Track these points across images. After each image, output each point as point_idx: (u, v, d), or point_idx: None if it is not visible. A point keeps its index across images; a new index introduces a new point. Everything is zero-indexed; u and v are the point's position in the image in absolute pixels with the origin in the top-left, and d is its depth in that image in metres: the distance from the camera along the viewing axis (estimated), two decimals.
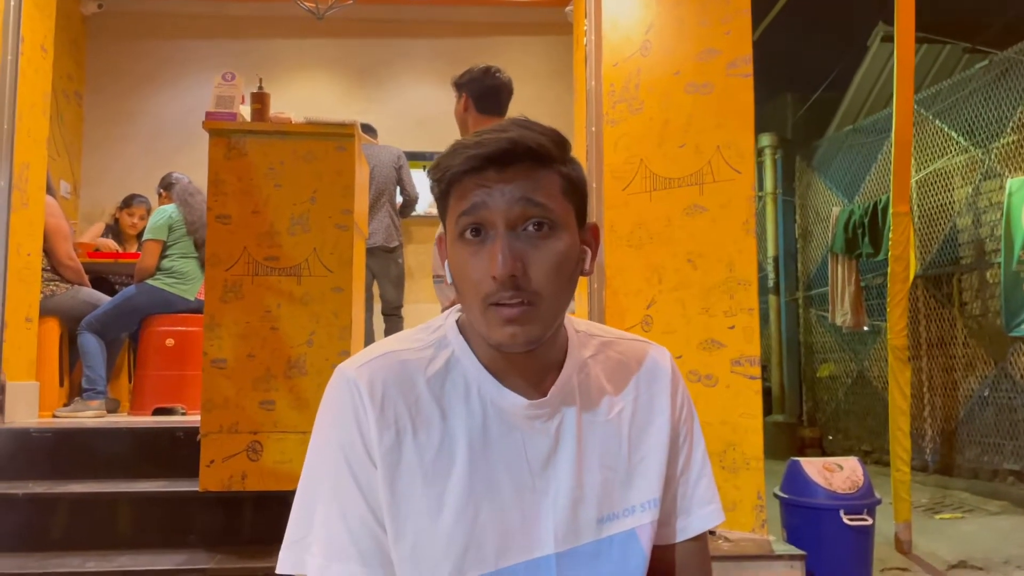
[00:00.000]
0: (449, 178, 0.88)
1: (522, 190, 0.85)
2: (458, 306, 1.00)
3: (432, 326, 0.98)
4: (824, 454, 6.68)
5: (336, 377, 0.92)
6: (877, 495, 2.99)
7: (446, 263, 0.93)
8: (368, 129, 5.09)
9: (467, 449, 0.89)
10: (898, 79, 3.47)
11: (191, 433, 2.93)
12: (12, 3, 3.40)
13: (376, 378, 0.90)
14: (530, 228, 0.86)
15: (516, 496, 0.90)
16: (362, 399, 0.89)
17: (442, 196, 0.91)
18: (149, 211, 4.83)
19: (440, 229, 0.98)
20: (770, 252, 7.35)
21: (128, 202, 4.95)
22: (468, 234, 0.87)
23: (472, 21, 6.35)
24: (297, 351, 2.84)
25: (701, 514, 1.02)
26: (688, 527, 1.02)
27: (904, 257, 3.54)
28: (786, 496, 3.01)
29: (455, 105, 3.14)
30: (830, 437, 6.86)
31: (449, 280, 0.92)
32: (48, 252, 3.90)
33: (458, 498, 0.88)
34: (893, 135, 3.53)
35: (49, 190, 3.98)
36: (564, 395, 0.94)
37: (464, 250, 0.87)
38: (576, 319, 1.02)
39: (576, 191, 0.91)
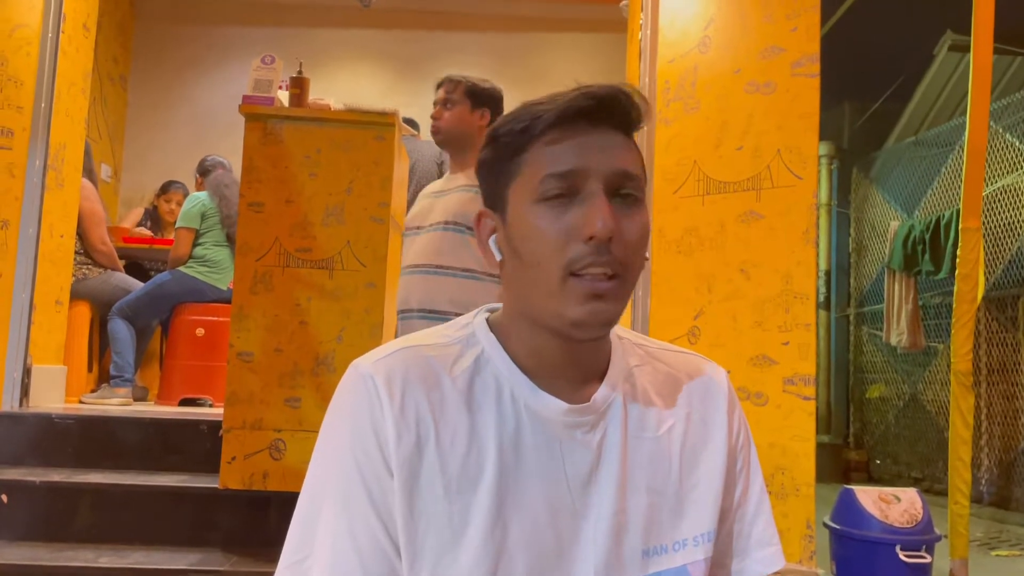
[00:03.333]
0: (540, 125, 0.76)
1: (620, 159, 0.77)
2: (486, 306, 0.87)
3: (459, 323, 0.86)
4: (870, 478, 6.43)
5: (350, 373, 0.80)
6: (937, 531, 2.78)
7: (491, 241, 0.81)
8: (411, 123, 4.98)
9: (497, 459, 0.77)
10: (973, 86, 3.25)
11: (215, 427, 2.85)
12: None
13: (395, 374, 0.78)
14: (620, 196, 0.77)
15: (551, 516, 0.77)
16: (379, 397, 0.76)
17: (512, 154, 0.79)
18: (186, 196, 4.79)
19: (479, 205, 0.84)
20: (822, 266, 7.11)
21: (165, 189, 4.93)
22: (553, 196, 0.76)
23: (522, 16, 6.23)
24: (326, 347, 2.74)
25: (759, 557, 0.89)
26: (744, 571, 0.89)
27: (972, 276, 3.31)
28: (837, 527, 2.81)
29: (464, 113, 2.66)
30: (877, 461, 6.59)
31: (499, 258, 0.80)
32: (81, 236, 3.85)
33: (485, 515, 0.75)
34: (966, 145, 3.30)
35: (90, 173, 3.93)
36: (609, 403, 0.81)
37: (547, 213, 0.76)
38: (616, 326, 0.88)
39: (645, 171, 0.82)
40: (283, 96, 2.94)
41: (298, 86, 2.87)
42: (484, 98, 2.68)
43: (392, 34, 6.18)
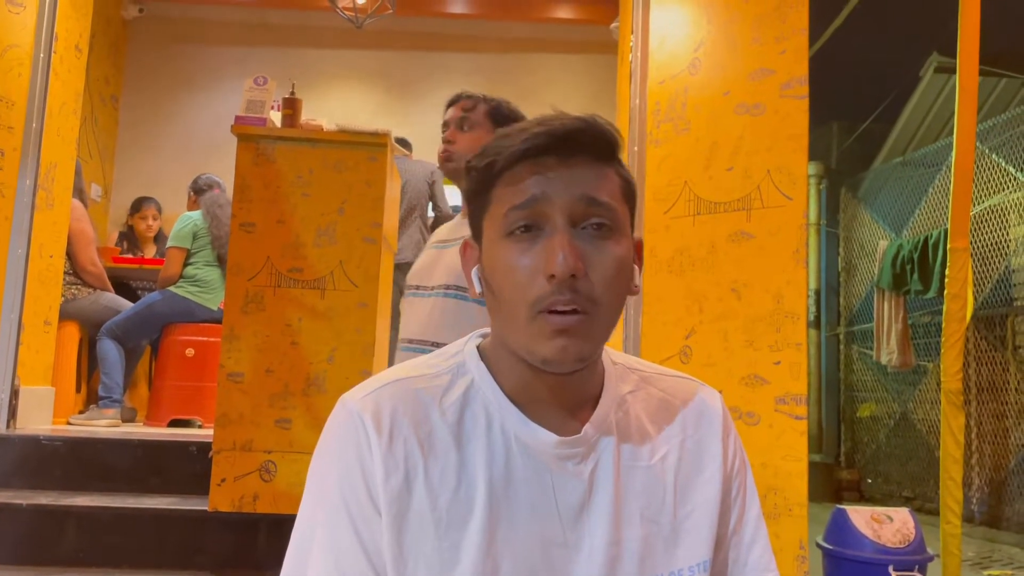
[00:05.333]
0: (503, 162, 0.76)
1: (585, 186, 0.75)
2: (478, 331, 0.87)
3: (448, 352, 0.85)
4: (862, 498, 6.42)
5: (338, 409, 0.79)
6: (929, 550, 2.78)
7: (474, 271, 0.81)
8: (403, 143, 5.00)
9: (487, 493, 0.76)
10: (960, 107, 3.28)
11: (204, 448, 2.82)
12: (48, 1, 3.35)
13: (383, 409, 0.77)
14: (590, 228, 0.75)
15: (543, 551, 0.76)
16: (367, 434, 0.76)
17: (483, 187, 0.78)
18: (160, 210, 4.80)
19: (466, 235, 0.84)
20: (812, 285, 7.12)
21: (137, 207, 4.92)
22: (519, 231, 0.75)
23: (513, 37, 6.27)
24: (317, 368, 2.72)
25: None
26: None
27: (961, 296, 3.33)
28: (830, 547, 2.81)
29: (484, 138, 2.11)
30: (869, 480, 6.58)
31: (479, 290, 0.80)
32: (71, 256, 3.83)
33: (475, 552, 0.74)
34: (953, 166, 3.33)
35: (80, 193, 3.92)
36: (600, 433, 0.81)
37: (513, 248, 0.75)
38: (612, 350, 0.88)
39: (631, 197, 0.80)
40: (275, 117, 2.94)
41: (290, 107, 2.88)
42: (509, 123, 2.43)
43: (384, 54, 6.21)
